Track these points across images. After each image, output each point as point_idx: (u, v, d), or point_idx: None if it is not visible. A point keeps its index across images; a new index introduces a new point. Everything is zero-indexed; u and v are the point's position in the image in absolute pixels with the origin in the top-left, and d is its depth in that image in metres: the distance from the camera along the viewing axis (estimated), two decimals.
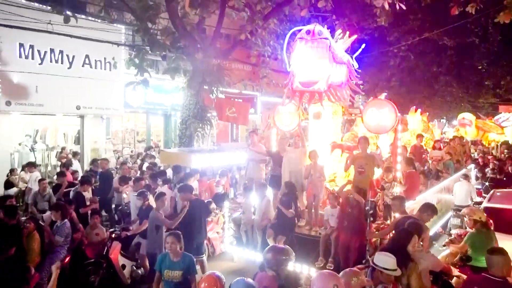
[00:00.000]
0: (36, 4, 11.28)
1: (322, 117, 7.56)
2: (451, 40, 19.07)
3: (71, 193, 8.03)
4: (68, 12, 9.52)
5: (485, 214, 5.95)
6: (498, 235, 5.88)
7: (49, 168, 14.23)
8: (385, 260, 3.83)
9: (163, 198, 6.52)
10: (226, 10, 11.47)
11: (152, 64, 11.35)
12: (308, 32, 5.88)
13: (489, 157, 15.74)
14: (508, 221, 6.60)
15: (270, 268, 3.86)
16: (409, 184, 7.22)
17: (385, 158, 7.89)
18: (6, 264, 4.33)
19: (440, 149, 11.41)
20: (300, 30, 5.99)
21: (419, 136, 10.55)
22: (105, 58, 13.49)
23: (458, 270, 5.22)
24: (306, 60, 5.96)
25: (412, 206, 6.99)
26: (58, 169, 13.21)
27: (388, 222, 6.61)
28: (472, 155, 18.26)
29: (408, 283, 4.23)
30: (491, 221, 6.19)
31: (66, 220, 6.11)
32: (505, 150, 21.53)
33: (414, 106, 11.94)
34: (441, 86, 25.21)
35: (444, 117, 34.33)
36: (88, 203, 7.84)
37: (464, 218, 6.25)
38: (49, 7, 10.30)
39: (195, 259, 6.17)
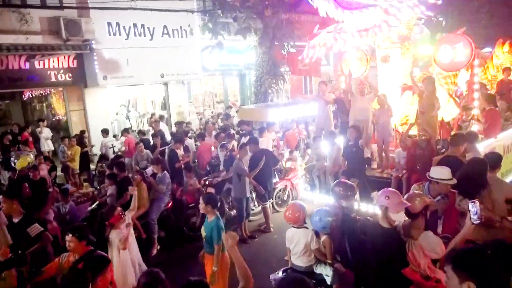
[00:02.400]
0: None
1: (390, 60, 7.47)
2: None
3: (166, 151, 9.19)
4: None
5: None
6: None
7: None
8: (440, 172, 4.15)
9: (245, 148, 7.25)
10: None
11: (224, 27, 11.88)
12: None
13: None
14: None
15: (337, 201, 4.29)
16: (489, 122, 6.97)
17: (463, 96, 7.62)
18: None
19: None
20: None
21: (506, 69, 9.77)
22: (181, 26, 14.33)
23: None
24: (323, 12, 6.22)
25: (494, 144, 6.81)
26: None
27: None
28: None
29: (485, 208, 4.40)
30: None
31: (165, 171, 7.16)
32: None
33: (501, 39, 10.91)
34: None
35: None
36: (181, 159, 8.93)
37: None
38: None
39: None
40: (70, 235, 3.68)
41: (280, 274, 4.41)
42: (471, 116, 7.22)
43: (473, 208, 2.95)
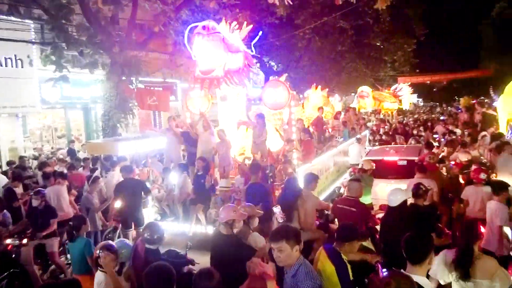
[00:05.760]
0: None
1: (228, 99, 8.78)
2: (346, 22, 21.37)
3: (0, 189, 8.45)
4: None
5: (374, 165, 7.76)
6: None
7: None
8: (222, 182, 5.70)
9: (98, 181, 7.35)
10: (139, 2, 12.07)
11: (69, 59, 11.61)
12: (204, 27, 6.93)
13: (381, 124, 18.49)
14: (376, 168, 8.49)
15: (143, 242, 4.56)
16: (306, 151, 8.80)
17: (285, 130, 9.40)
18: None
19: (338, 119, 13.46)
20: (196, 26, 6.99)
21: (320, 109, 12.32)
22: (15, 55, 13.33)
23: None
24: (204, 52, 7.04)
25: (310, 168, 8.59)
26: None
27: None
28: (372, 123, 21.04)
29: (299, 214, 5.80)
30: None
31: (5, 211, 6.71)
32: (400, 117, 24.98)
33: (314, 84, 13.68)
34: (346, 63, 27.78)
35: (353, 92, 37.82)
36: (19, 197, 8.33)
37: None
38: None
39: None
40: None
41: None
42: (293, 146, 8.95)
43: (277, 209, 4.08)
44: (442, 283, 3.63)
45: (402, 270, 2.97)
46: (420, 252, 3.05)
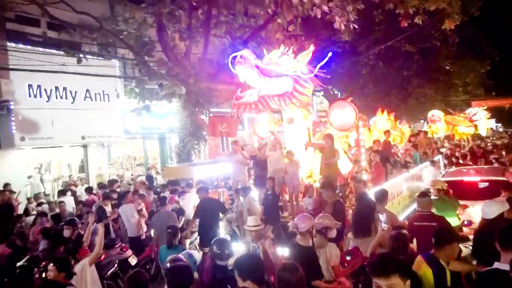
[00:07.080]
0: (40, 48, 12.81)
1: (295, 122, 9.04)
2: (411, 46, 20.95)
3: (93, 208, 9.37)
4: (80, 54, 10.96)
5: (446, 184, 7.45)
6: None
7: (55, 197, 15.44)
8: (249, 220, 5.31)
9: (166, 202, 8.23)
10: (210, 38, 13.07)
11: (149, 92, 12.84)
12: (241, 56, 7.41)
13: (457, 148, 17.52)
14: (454, 190, 8.07)
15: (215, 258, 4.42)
16: (376, 173, 8.69)
17: (353, 152, 9.39)
18: None
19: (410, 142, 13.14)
20: (236, 56, 7.54)
21: (386, 132, 12.12)
22: (103, 91, 14.98)
23: None
24: (243, 79, 7.51)
25: None
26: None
27: None
28: (445, 148, 19.98)
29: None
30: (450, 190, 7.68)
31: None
32: (477, 141, 23.45)
33: (380, 108, 13.53)
34: (414, 89, 26.86)
35: (422, 118, 36.11)
36: (109, 215, 9.18)
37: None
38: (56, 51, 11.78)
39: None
40: (51, 264, 4.13)
41: None
42: (361, 168, 8.90)
43: (383, 218, 4.17)
44: None
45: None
46: None
